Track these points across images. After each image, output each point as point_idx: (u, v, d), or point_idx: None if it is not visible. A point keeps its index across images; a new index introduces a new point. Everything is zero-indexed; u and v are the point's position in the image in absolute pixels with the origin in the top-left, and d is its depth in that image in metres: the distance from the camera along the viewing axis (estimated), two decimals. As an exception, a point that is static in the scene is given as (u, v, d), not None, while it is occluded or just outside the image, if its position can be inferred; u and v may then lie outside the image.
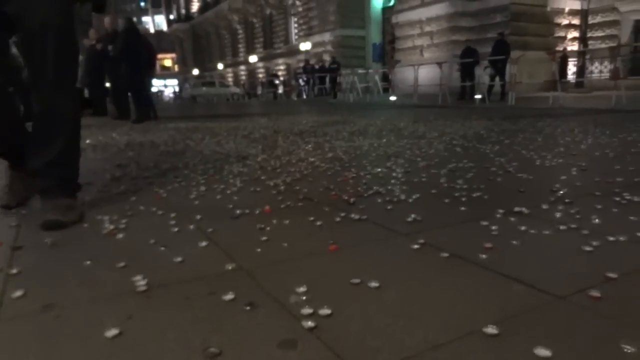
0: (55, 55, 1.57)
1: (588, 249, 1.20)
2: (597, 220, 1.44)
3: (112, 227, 1.52)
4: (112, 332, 0.85)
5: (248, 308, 0.93)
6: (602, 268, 1.06)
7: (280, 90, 24.26)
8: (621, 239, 1.27)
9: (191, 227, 1.51)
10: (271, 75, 27.01)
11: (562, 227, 1.38)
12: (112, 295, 1.01)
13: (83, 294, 1.02)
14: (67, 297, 1.00)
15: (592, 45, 14.85)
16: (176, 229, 1.49)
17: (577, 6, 15.63)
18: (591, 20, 14.91)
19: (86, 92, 10.05)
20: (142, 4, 55.28)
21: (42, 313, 0.94)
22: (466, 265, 1.13)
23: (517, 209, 1.59)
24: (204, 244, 1.33)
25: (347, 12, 22.76)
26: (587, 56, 14.20)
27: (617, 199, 1.70)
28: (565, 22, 16.06)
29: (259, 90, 26.98)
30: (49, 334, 0.86)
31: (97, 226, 1.55)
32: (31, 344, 0.83)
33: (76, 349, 0.80)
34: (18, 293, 1.02)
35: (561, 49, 15.17)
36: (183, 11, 45.61)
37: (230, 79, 36.08)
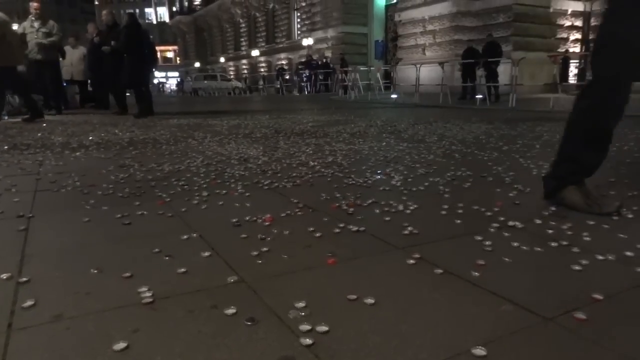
0: None
1: (577, 268, 1.25)
2: (587, 237, 1.48)
3: (117, 231, 1.56)
4: (119, 345, 0.89)
5: (249, 323, 0.97)
6: (589, 289, 1.11)
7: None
8: (610, 258, 1.31)
9: (194, 235, 1.55)
10: (278, 69, 26.72)
11: (553, 244, 1.42)
12: (119, 306, 1.06)
13: (91, 305, 1.06)
14: (75, 308, 1.05)
15: (595, 47, 14.83)
16: (179, 237, 1.53)
17: (580, 7, 15.66)
18: (594, 22, 14.89)
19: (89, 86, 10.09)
20: (145, -5, 55.12)
21: (52, 323, 0.99)
22: (459, 282, 1.17)
23: (511, 223, 1.64)
24: (206, 254, 1.38)
25: (350, 9, 22.75)
26: (589, 59, 14.16)
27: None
28: (567, 23, 16.05)
29: (261, 85, 26.82)
30: (60, 346, 0.90)
31: (103, 231, 1.59)
32: (43, 356, 0.87)
33: (86, 362, 0.85)
34: (29, 302, 1.07)
35: (563, 50, 15.17)
36: (186, 3, 45.45)
37: (232, 73, 36.04)
